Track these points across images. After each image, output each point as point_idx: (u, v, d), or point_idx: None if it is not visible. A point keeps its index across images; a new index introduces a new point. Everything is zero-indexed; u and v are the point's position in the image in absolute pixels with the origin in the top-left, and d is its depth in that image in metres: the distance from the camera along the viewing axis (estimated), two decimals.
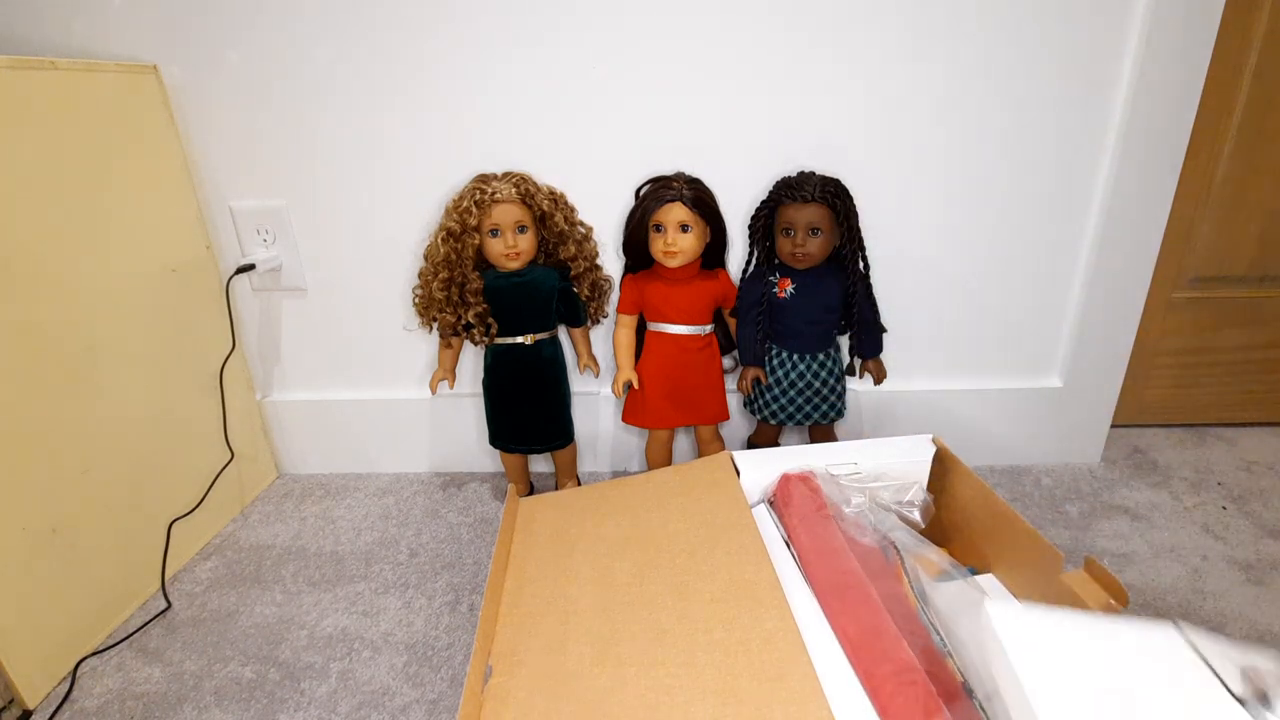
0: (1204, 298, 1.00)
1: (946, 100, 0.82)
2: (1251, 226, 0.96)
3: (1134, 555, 0.82)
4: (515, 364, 0.86)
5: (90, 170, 0.73)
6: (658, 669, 0.53)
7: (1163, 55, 0.78)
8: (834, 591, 0.58)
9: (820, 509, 0.66)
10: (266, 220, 0.91)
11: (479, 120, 0.85)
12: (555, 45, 0.81)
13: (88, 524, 0.73)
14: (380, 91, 0.84)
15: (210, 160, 0.88)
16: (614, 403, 0.99)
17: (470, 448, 1.02)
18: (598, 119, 0.84)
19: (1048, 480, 0.97)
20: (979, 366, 0.96)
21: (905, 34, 0.79)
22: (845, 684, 0.51)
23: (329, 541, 0.89)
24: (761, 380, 0.86)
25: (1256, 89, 0.88)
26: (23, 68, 0.66)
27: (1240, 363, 1.04)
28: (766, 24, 0.79)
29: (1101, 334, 0.92)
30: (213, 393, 0.90)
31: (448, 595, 0.79)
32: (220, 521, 0.93)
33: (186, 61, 0.84)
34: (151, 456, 0.81)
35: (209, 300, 0.90)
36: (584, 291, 0.88)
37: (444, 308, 0.83)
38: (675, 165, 0.85)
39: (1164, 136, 0.82)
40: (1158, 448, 1.04)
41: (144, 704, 0.67)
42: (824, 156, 0.84)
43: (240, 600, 0.80)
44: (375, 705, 0.65)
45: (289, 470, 1.06)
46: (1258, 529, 0.86)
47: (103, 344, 0.75)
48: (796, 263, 0.81)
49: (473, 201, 0.79)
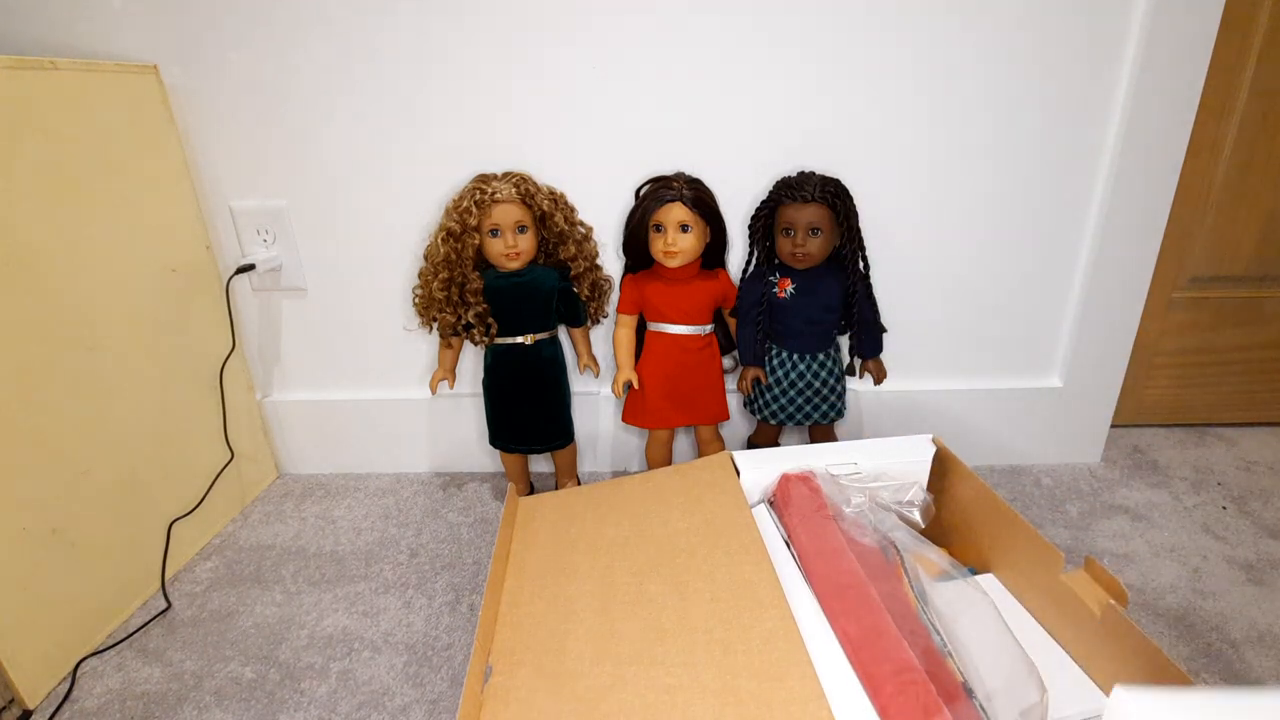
0: (1204, 298, 1.00)
1: (946, 100, 0.82)
2: (1251, 226, 0.96)
3: (1134, 555, 0.82)
4: (515, 364, 0.86)
5: (90, 170, 0.73)
6: (657, 668, 0.53)
7: (1163, 55, 0.78)
8: (834, 591, 0.58)
9: (820, 509, 0.66)
10: (266, 220, 0.91)
11: (479, 120, 0.85)
12: (555, 45, 0.81)
13: (88, 524, 0.73)
14: (380, 92, 0.84)
15: (210, 160, 0.89)
16: (614, 403, 0.99)
17: (470, 448, 1.02)
18: (598, 119, 0.84)
19: (1048, 480, 0.97)
20: (979, 366, 0.97)
21: (905, 34, 0.79)
22: (845, 684, 0.51)
23: (329, 541, 0.89)
24: (761, 380, 0.86)
25: (1256, 89, 0.88)
26: (23, 68, 0.66)
27: (1240, 363, 1.04)
28: (767, 24, 0.79)
29: (1101, 334, 0.92)
30: (213, 393, 0.90)
31: (448, 595, 0.79)
32: (220, 521, 0.93)
33: (186, 61, 0.84)
34: (151, 456, 0.81)
35: (209, 300, 0.90)
36: (584, 291, 0.88)
37: (444, 308, 0.83)
38: (675, 165, 0.85)
39: (1164, 137, 0.82)
40: (1158, 448, 1.04)
41: (144, 704, 0.67)
42: (824, 156, 0.84)
43: (240, 600, 0.80)
44: (375, 705, 0.65)
45: (289, 470, 1.06)
46: (1258, 529, 0.86)
47: (103, 344, 0.75)
48: (796, 263, 0.81)
49: (473, 201, 0.79)
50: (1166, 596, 0.75)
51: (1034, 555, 0.61)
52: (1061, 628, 0.60)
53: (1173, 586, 0.77)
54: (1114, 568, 0.80)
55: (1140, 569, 0.79)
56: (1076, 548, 0.83)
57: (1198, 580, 0.77)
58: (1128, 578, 0.78)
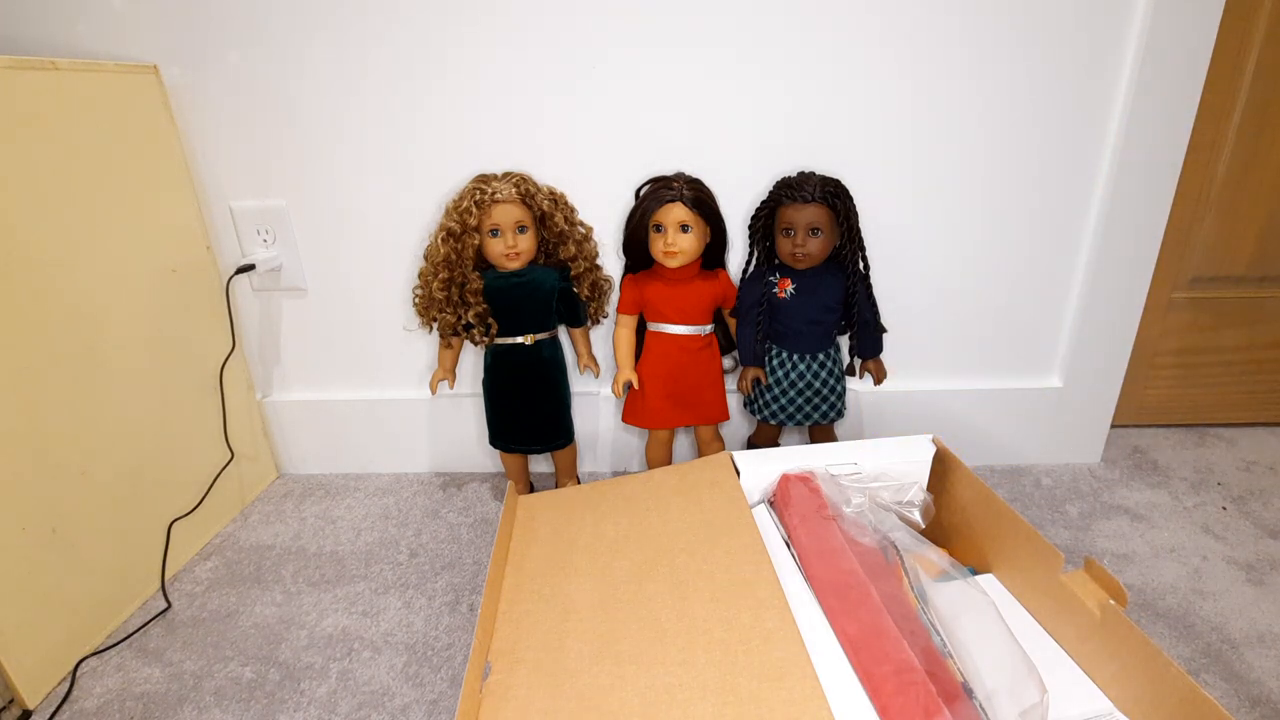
0: (1204, 298, 1.00)
1: (946, 100, 0.82)
2: (1251, 226, 0.96)
3: (1134, 555, 0.82)
4: (515, 364, 0.86)
5: (90, 170, 0.73)
6: (657, 668, 0.53)
7: (1163, 55, 0.78)
8: (834, 591, 0.58)
9: (820, 509, 0.66)
10: (266, 220, 0.91)
11: (479, 120, 0.85)
12: (555, 45, 0.81)
13: (88, 524, 0.73)
14: (380, 92, 0.84)
15: (210, 160, 0.89)
16: (614, 403, 0.99)
17: (470, 448, 1.02)
18: (598, 119, 0.84)
19: (1048, 480, 0.97)
20: (979, 366, 0.97)
21: (905, 34, 0.79)
22: (846, 683, 0.51)
23: (329, 541, 0.89)
24: (761, 380, 0.86)
25: (1256, 89, 0.88)
26: (23, 68, 0.66)
27: (1240, 363, 1.04)
28: (767, 24, 0.79)
29: (1101, 334, 0.92)
30: (213, 393, 0.91)
31: (448, 595, 0.79)
32: (220, 522, 0.93)
33: (186, 61, 0.84)
34: (151, 456, 0.81)
35: (209, 300, 0.90)
36: (584, 292, 0.88)
37: (444, 308, 0.83)
38: (675, 165, 0.85)
39: (1164, 137, 0.82)
40: (1158, 448, 1.04)
41: (144, 704, 0.67)
42: (824, 156, 0.84)
43: (240, 600, 0.80)
44: (375, 705, 0.65)
45: (289, 470, 1.06)
46: (1258, 529, 0.86)
47: (103, 344, 0.75)
48: (796, 263, 0.81)
49: (473, 201, 0.79)
50: (1166, 596, 0.75)
51: (1034, 555, 0.61)
52: (1061, 628, 0.59)
53: (1173, 586, 0.77)
54: (1114, 568, 0.80)
55: (1140, 569, 0.79)
56: (1076, 548, 0.83)
57: (1197, 580, 0.77)
58: (1128, 578, 0.78)
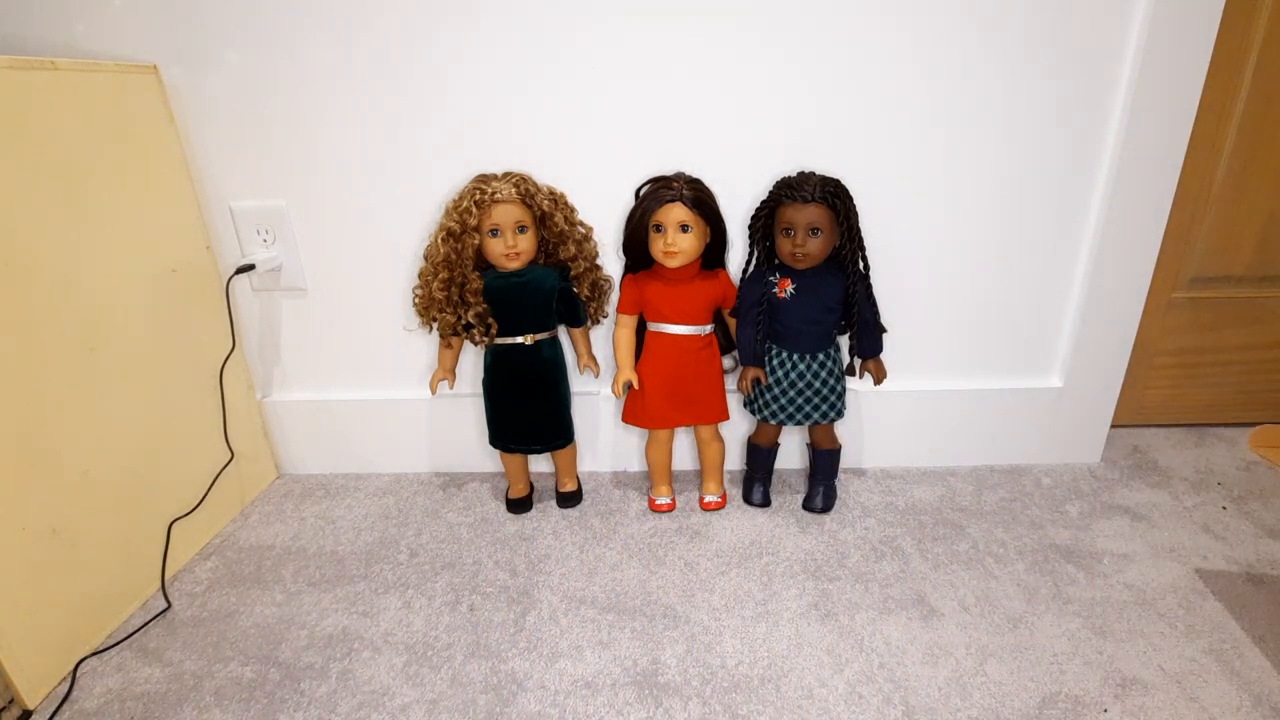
0: (1204, 298, 1.00)
1: (946, 100, 0.82)
2: (1251, 226, 0.96)
3: (1134, 555, 0.82)
4: (515, 364, 0.86)
5: (90, 170, 0.73)
6: None
7: (1163, 55, 0.78)
8: None
9: None
10: (266, 220, 0.91)
11: (479, 120, 0.85)
12: (555, 45, 0.81)
13: (88, 524, 0.73)
14: (380, 92, 0.84)
15: (210, 160, 0.88)
16: (614, 403, 0.99)
17: (470, 448, 1.02)
18: (598, 119, 0.84)
19: (1048, 480, 0.97)
20: (979, 366, 0.96)
21: (905, 33, 0.79)
22: None
23: (329, 541, 0.89)
24: (761, 380, 0.86)
25: (1256, 89, 0.88)
26: (23, 68, 0.66)
27: (1240, 363, 1.04)
28: (767, 25, 0.79)
29: (1101, 334, 0.92)
30: (213, 393, 0.90)
31: (448, 595, 0.79)
32: (220, 522, 0.93)
33: (186, 61, 0.84)
34: (151, 456, 0.81)
35: (209, 300, 0.90)
36: (584, 292, 0.88)
37: (444, 308, 0.83)
38: (675, 165, 0.85)
39: (1164, 137, 0.82)
40: (1158, 448, 1.04)
41: (144, 704, 0.67)
42: (824, 156, 0.84)
43: (240, 600, 0.80)
44: (375, 705, 0.65)
45: (289, 470, 1.06)
46: (1258, 529, 0.86)
47: (103, 344, 0.75)
48: (796, 263, 0.81)
49: (473, 201, 0.79)
50: (1166, 596, 0.75)
51: None
52: None
53: (1173, 586, 0.77)
54: (1114, 567, 0.80)
55: (1140, 569, 0.79)
56: (1076, 548, 0.83)
57: (1197, 580, 0.77)
58: (1128, 578, 0.78)
